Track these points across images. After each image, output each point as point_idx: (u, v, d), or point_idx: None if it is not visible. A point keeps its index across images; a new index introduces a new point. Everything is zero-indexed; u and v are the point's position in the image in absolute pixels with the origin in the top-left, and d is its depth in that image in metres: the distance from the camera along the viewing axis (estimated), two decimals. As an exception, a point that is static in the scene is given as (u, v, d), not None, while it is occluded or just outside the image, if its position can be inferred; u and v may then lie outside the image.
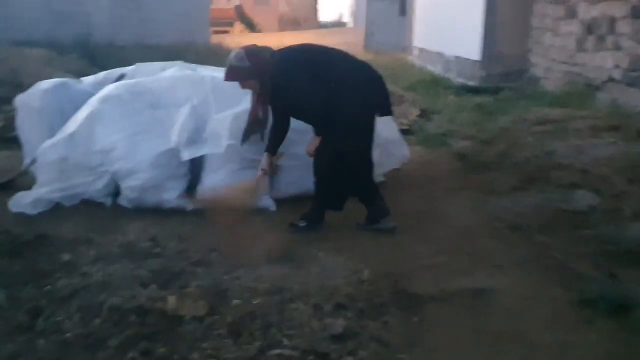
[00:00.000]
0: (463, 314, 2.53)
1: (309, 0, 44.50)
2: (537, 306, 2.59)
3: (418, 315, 2.50)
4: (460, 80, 10.05)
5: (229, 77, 3.32)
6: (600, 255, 3.06)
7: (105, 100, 3.82)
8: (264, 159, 3.43)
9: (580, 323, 2.44)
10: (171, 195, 3.66)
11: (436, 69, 12.27)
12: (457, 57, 10.93)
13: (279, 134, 3.45)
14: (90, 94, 4.06)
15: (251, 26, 39.64)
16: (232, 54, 3.31)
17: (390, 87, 9.44)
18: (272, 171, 3.52)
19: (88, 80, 4.49)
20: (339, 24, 48.05)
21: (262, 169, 3.41)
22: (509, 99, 7.59)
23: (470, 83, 9.53)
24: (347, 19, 48.13)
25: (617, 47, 6.33)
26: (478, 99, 7.85)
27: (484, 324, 2.45)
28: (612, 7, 6.50)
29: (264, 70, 3.23)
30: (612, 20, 6.47)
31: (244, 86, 3.35)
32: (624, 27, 6.22)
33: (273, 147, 3.45)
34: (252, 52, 3.28)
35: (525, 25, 9.05)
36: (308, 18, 43.28)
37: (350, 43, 24.88)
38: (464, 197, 4.11)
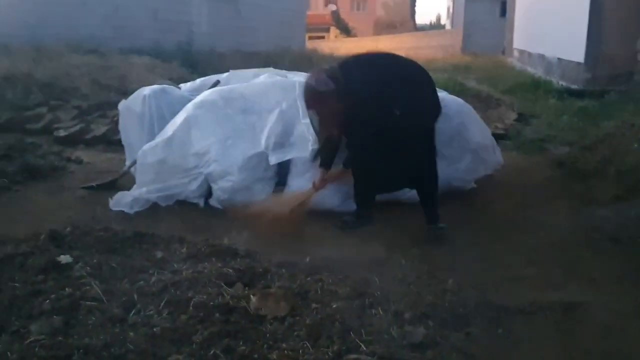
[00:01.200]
0: (552, 329, 2.40)
1: (406, 4, 44.16)
2: (635, 324, 2.41)
3: (504, 327, 2.39)
4: (562, 84, 9.56)
5: (314, 102, 3.27)
6: None
7: (200, 105, 4.01)
8: (319, 174, 3.52)
9: (684, 345, 2.24)
10: (259, 197, 3.76)
11: (537, 71, 11.76)
12: (560, 59, 10.41)
13: (332, 148, 3.52)
14: (188, 100, 4.27)
15: (347, 31, 39.96)
16: (313, 82, 3.25)
17: (488, 90, 9.25)
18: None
19: (185, 86, 4.73)
20: (436, 27, 47.31)
21: (314, 184, 3.52)
22: (615, 103, 7.11)
23: (574, 86, 9.04)
24: (444, 21, 47.27)
25: None
26: (581, 103, 7.43)
27: (574, 340, 2.32)
28: None
29: (341, 91, 3.21)
30: None
31: (322, 109, 3.28)
32: None
33: (329, 162, 3.54)
34: (333, 74, 3.25)
35: (635, 25, 8.44)
36: (404, 21, 42.96)
37: (446, 45, 24.50)
38: (560, 206, 3.89)
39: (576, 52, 9.22)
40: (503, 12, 20.01)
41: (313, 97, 3.25)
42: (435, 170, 3.49)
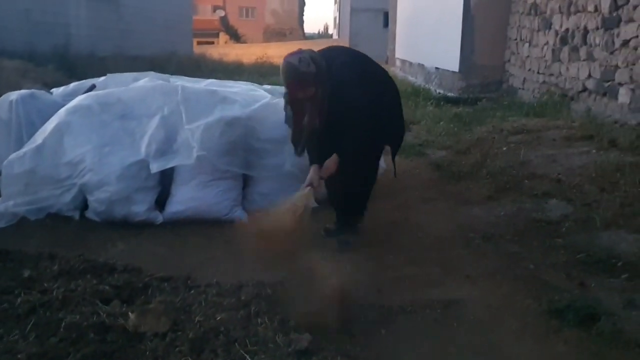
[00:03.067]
0: (432, 326, 2.50)
1: (294, 12, 44.73)
2: (506, 317, 2.57)
3: (386, 327, 2.46)
4: (440, 92, 10.12)
5: (298, 84, 2.94)
6: (571, 264, 3.06)
7: (73, 111, 3.75)
8: (311, 173, 3.15)
9: (548, 333, 2.42)
10: (140, 207, 3.59)
11: (417, 80, 12.35)
12: (438, 69, 11.02)
13: (316, 141, 3.18)
14: (60, 105, 3.99)
15: (236, 37, 39.75)
16: (294, 60, 2.96)
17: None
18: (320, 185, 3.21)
19: (58, 91, 4.42)
20: (324, 36, 48.34)
21: (308, 184, 3.11)
22: (486, 110, 7.64)
23: (450, 94, 9.59)
24: (332, 30, 48.43)
25: (591, 58, 6.40)
26: (456, 110, 7.89)
27: (452, 335, 2.43)
28: (585, 19, 6.57)
29: (324, 75, 3.00)
30: (585, 32, 6.55)
31: (303, 94, 2.98)
32: (596, 38, 6.29)
33: (319, 158, 3.19)
34: (315, 57, 3.01)
35: (503, 37, 9.15)
36: (293, 29, 43.50)
37: (334, 54, 25.02)
38: (437, 207, 4.08)
39: (452, 62, 9.80)
40: (386, 23, 20.84)
41: (296, 79, 2.93)
42: (366, 174, 3.36)
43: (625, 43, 5.69)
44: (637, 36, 5.49)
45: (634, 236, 3.26)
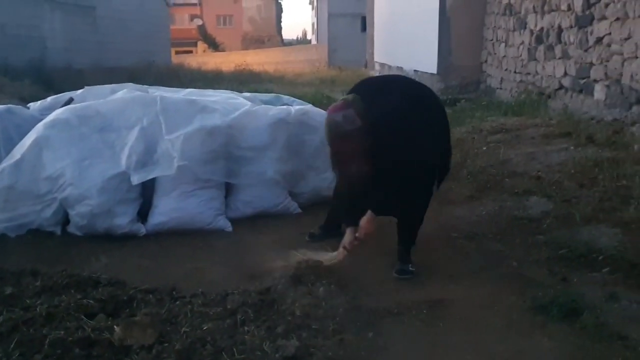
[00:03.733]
0: (419, 327, 2.52)
1: (272, 19, 44.79)
2: (491, 315, 2.59)
3: (373, 330, 2.47)
4: (419, 93, 10.17)
5: (341, 142, 2.81)
6: (553, 260, 3.11)
7: (52, 125, 3.71)
8: (347, 236, 3.11)
9: (533, 329, 2.45)
10: (122, 220, 3.56)
11: (396, 82, 12.40)
12: (416, 71, 11.09)
13: (355, 202, 3.11)
14: (38, 120, 3.94)
15: (214, 45, 39.71)
16: (338, 117, 2.80)
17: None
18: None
19: (35, 106, 4.37)
20: (302, 42, 48.47)
21: (344, 246, 3.09)
22: (465, 110, 7.70)
23: (429, 95, 9.65)
24: (310, 36, 48.55)
25: (566, 56, 6.50)
26: (436, 111, 7.93)
27: (439, 335, 2.45)
28: (559, 18, 6.68)
29: (369, 127, 2.81)
30: (559, 30, 6.66)
31: (347, 150, 2.83)
32: (570, 36, 6.40)
33: (354, 220, 3.10)
34: (359, 110, 2.81)
35: (479, 38, 9.25)
36: (271, 36, 43.56)
37: (313, 60, 25.09)
38: (421, 209, 4.10)
39: (430, 64, 9.89)
40: (364, 28, 20.95)
41: (340, 137, 2.81)
42: (422, 211, 3.18)
43: (599, 40, 5.79)
44: (610, 33, 5.60)
45: (614, 230, 3.31)
